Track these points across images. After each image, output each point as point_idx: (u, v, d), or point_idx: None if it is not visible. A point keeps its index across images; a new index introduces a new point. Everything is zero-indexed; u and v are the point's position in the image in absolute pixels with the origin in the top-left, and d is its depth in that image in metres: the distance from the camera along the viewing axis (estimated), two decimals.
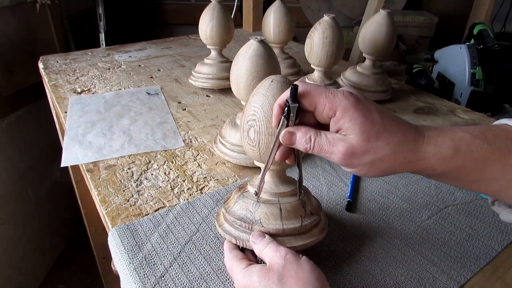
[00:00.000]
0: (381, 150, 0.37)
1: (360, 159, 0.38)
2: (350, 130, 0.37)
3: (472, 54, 1.01)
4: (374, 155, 0.38)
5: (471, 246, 0.53)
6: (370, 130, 0.37)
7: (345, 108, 0.37)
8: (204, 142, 0.76)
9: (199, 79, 0.97)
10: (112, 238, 0.53)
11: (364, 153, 0.37)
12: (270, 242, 0.42)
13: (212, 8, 0.89)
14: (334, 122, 0.38)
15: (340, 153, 0.38)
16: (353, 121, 0.37)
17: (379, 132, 0.37)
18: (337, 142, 0.38)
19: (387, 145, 0.37)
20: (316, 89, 0.38)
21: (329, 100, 0.38)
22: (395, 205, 0.60)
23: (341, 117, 0.37)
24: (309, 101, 0.39)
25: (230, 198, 0.50)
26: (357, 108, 0.37)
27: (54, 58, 1.18)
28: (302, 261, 0.39)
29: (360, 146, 0.37)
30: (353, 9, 1.71)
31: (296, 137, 0.40)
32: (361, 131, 0.37)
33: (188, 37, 1.48)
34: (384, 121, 0.38)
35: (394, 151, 0.38)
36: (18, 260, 1.59)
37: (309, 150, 0.39)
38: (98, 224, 1.24)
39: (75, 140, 0.75)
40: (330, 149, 0.38)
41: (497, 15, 1.67)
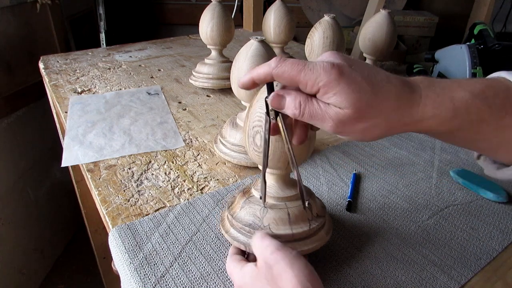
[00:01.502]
0: (374, 118, 0.36)
1: (353, 127, 0.36)
2: (338, 103, 0.35)
3: (473, 54, 1.01)
4: (366, 123, 0.36)
5: (471, 246, 0.53)
6: (359, 101, 0.35)
7: (327, 84, 0.35)
8: (204, 142, 0.76)
9: (200, 79, 0.97)
10: (113, 238, 0.53)
11: (356, 122, 0.36)
12: (261, 235, 0.40)
13: (213, 8, 0.89)
14: (322, 97, 0.36)
15: (331, 122, 0.36)
16: (340, 95, 0.35)
17: (369, 101, 0.35)
18: (329, 110, 0.36)
19: (380, 112, 0.35)
20: (294, 68, 0.35)
21: (309, 78, 0.35)
22: (395, 205, 0.60)
23: (325, 92, 0.35)
24: (290, 82, 0.37)
25: (235, 203, 0.49)
26: (340, 81, 0.34)
27: (54, 58, 1.19)
28: (293, 259, 0.36)
29: (351, 117, 0.35)
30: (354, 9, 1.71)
31: (286, 101, 0.37)
32: (350, 103, 0.35)
33: (188, 37, 1.48)
34: (374, 88, 0.35)
35: (388, 117, 0.36)
36: (18, 259, 1.59)
37: (299, 115, 0.37)
38: (98, 224, 1.24)
39: (76, 140, 0.75)
40: (323, 116, 0.36)
41: (497, 15, 1.67)
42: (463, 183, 0.65)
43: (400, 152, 0.75)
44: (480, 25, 1.09)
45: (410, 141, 0.78)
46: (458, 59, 1.04)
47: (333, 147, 0.75)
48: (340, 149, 0.75)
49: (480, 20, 1.20)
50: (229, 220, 0.48)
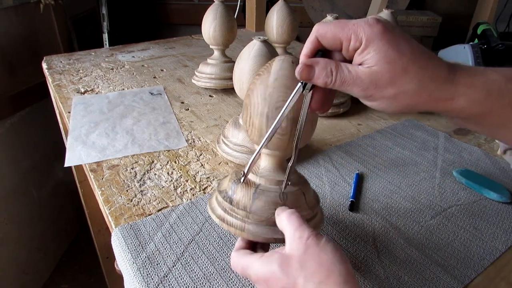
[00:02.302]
0: (406, 84, 0.35)
1: (383, 92, 0.35)
2: (375, 61, 0.34)
3: (476, 54, 1.01)
4: (398, 88, 0.35)
5: (475, 246, 0.53)
6: (396, 62, 0.34)
7: (370, 38, 0.34)
8: (207, 142, 0.76)
9: (202, 79, 0.97)
10: (116, 238, 0.53)
11: (388, 85, 0.35)
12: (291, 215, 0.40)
13: (215, 8, 0.90)
14: (359, 54, 0.35)
15: (362, 84, 0.35)
16: (378, 51, 0.34)
17: (406, 65, 0.34)
18: (361, 73, 0.35)
19: (414, 79, 0.35)
20: (337, 25, 0.36)
21: (353, 31, 0.35)
22: (398, 205, 0.60)
23: (366, 47, 0.35)
24: (333, 41, 0.36)
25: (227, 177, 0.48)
26: (383, 37, 0.34)
27: (57, 58, 1.19)
28: (324, 243, 0.36)
29: (384, 78, 0.35)
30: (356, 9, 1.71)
31: (315, 71, 0.37)
32: (387, 62, 0.34)
33: (191, 37, 1.48)
34: (414, 54, 0.35)
35: (421, 87, 0.35)
36: (21, 259, 1.59)
37: (330, 84, 0.37)
38: (101, 224, 1.24)
39: (79, 140, 0.75)
40: (354, 81, 0.35)
41: (501, 15, 1.67)
42: (466, 183, 0.65)
43: (403, 152, 0.74)
44: (483, 25, 1.08)
45: (413, 141, 0.78)
46: (462, 59, 1.03)
47: (335, 147, 0.75)
48: (342, 149, 0.75)
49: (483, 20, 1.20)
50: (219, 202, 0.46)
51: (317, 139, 0.78)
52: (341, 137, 0.79)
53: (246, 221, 0.43)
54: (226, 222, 0.44)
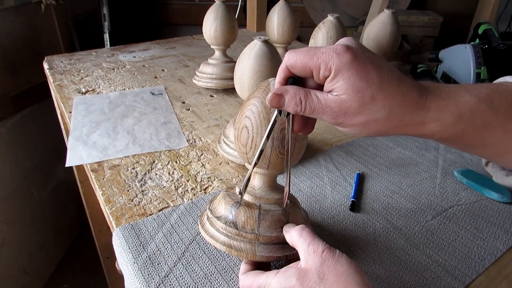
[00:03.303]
0: (375, 112, 0.35)
1: (353, 120, 0.36)
2: (343, 90, 0.35)
3: (477, 54, 1.01)
4: (367, 116, 0.35)
5: (476, 246, 0.53)
6: (365, 91, 0.34)
7: (338, 68, 0.34)
8: (208, 142, 0.76)
9: (203, 79, 0.97)
10: (117, 237, 0.53)
11: (357, 113, 0.35)
12: (303, 231, 0.40)
13: (216, 8, 0.90)
14: (328, 83, 0.36)
15: (332, 113, 0.36)
16: (347, 81, 0.34)
17: (374, 93, 0.34)
18: (330, 101, 0.36)
19: (383, 107, 0.35)
20: (307, 54, 0.36)
21: (322, 60, 0.35)
22: (399, 205, 0.60)
23: (335, 76, 0.35)
24: (303, 70, 0.37)
25: (216, 198, 0.48)
26: (351, 67, 0.34)
27: (58, 58, 1.19)
28: (338, 256, 0.37)
29: (353, 106, 0.35)
30: (357, 9, 1.71)
31: (285, 100, 0.37)
32: (355, 91, 0.34)
33: (192, 37, 1.48)
34: (382, 81, 0.35)
35: (390, 114, 0.35)
36: (22, 259, 1.60)
37: (300, 111, 0.37)
38: (102, 223, 1.24)
39: (80, 140, 0.75)
40: (323, 109, 0.36)
41: (502, 15, 1.66)
42: (467, 183, 0.65)
43: (404, 152, 0.74)
44: (484, 25, 1.08)
45: (414, 141, 0.78)
46: (463, 59, 1.03)
47: (336, 147, 0.75)
48: (343, 149, 0.75)
49: (484, 20, 1.20)
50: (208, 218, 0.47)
51: (318, 139, 0.78)
52: (342, 137, 0.79)
53: (255, 243, 0.44)
54: (234, 248, 0.43)
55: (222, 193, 0.48)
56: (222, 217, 0.45)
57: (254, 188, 0.46)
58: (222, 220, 0.45)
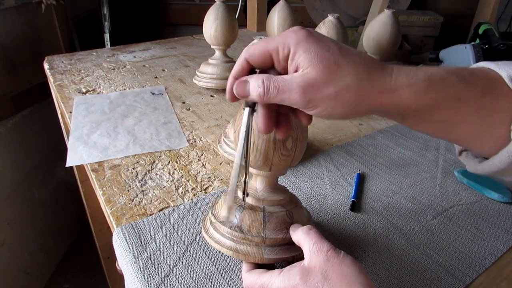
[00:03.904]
0: (343, 78, 0.34)
1: (322, 92, 0.34)
2: (306, 62, 0.34)
3: (477, 54, 1.01)
4: (336, 84, 0.34)
5: (476, 246, 0.53)
6: (328, 58, 0.34)
7: (297, 42, 0.34)
8: (208, 142, 0.76)
9: (203, 79, 0.97)
10: (117, 237, 0.53)
11: (326, 83, 0.34)
12: (309, 230, 0.41)
13: (216, 8, 0.90)
14: (290, 61, 0.35)
15: (299, 88, 0.34)
16: (308, 52, 0.34)
17: (338, 61, 0.34)
18: (295, 78, 0.34)
19: (350, 73, 0.34)
20: (263, 42, 0.36)
21: (279, 42, 0.35)
22: (399, 205, 0.60)
23: (295, 51, 0.34)
24: (263, 56, 0.36)
25: (218, 202, 0.48)
26: (309, 40, 0.34)
27: (59, 58, 1.19)
28: (343, 256, 0.37)
29: (320, 77, 0.33)
30: (358, 9, 1.71)
31: (249, 85, 0.36)
32: (318, 60, 0.33)
33: (192, 37, 1.48)
34: (342, 51, 0.34)
35: (359, 79, 0.34)
36: (23, 259, 1.60)
37: (265, 95, 0.35)
38: (103, 223, 1.24)
39: (80, 140, 0.75)
40: (289, 87, 0.34)
41: (502, 15, 1.66)
42: (467, 183, 0.65)
43: (404, 152, 0.74)
44: (484, 25, 1.08)
45: (415, 141, 0.78)
46: (463, 59, 1.03)
47: (337, 147, 0.75)
48: (344, 149, 0.75)
49: (485, 20, 1.20)
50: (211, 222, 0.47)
51: (318, 139, 0.78)
52: (342, 137, 0.79)
53: (262, 246, 0.44)
54: (241, 252, 0.43)
55: (224, 196, 0.48)
56: (225, 222, 0.45)
57: (257, 191, 0.46)
58: (227, 224, 0.45)
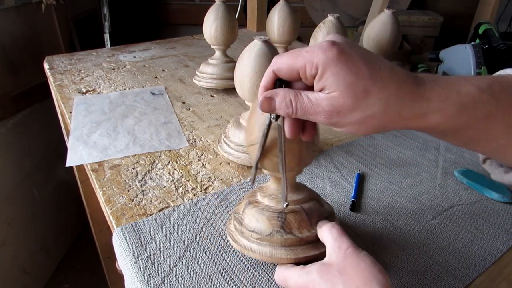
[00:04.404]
0: (371, 106, 0.33)
1: (348, 118, 0.34)
2: (333, 87, 0.33)
3: (477, 54, 1.01)
4: (363, 112, 0.33)
5: (476, 246, 0.53)
6: (356, 85, 0.32)
7: (325, 64, 0.33)
8: (208, 142, 0.76)
9: (203, 79, 0.97)
10: (117, 237, 0.53)
11: (352, 110, 0.33)
12: (332, 228, 0.41)
13: (216, 8, 0.90)
14: (317, 82, 0.34)
15: (325, 112, 0.34)
16: (335, 76, 0.33)
17: (367, 86, 0.32)
18: (321, 101, 0.34)
19: (378, 101, 0.33)
20: (291, 56, 0.35)
21: (307, 59, 0.34)
22: (399, 205, 0.60)
23: (323, 73, 0.33)
24: (290, 72, 0.35)
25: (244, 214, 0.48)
26: (338, 62, 0.33)
27: (59, 58, 1.19)
28: (363, 255, 0.38)
29: (346, 103, 0.33)
30: (358, 9, 1.71)
31: (276, 102, 0.36)
32: (346, 86, 0.33)
33: (192, 37, 1.48)
34: (373, 74, 0.33)
35: (387, 107, 0.33)
36: (23, 259, 1.60)
37: (292, 114, 0.36)
38: (102, 223, 1.24)
39: (80, 140, 0.75)
40: (315, 110, 0.34)
41: (502, 15, 1.66)
42: (467, 183, 0.65)
43: (404, 152, 0.74)
44: (484, 25, 1.08)
45: (415, 141, 0.78)
46: (463, 59, 1.03)
47: (337, 147, 0.75)
48: (344, 149, 0.75)
49: (484, 20, 1.20)
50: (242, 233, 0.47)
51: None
52: (342, 137, 0.79)
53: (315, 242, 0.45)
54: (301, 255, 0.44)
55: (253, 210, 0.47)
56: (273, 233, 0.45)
57: (271, 191, 0.47)
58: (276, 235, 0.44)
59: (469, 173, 0.66)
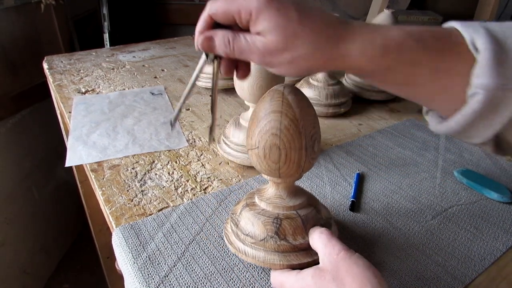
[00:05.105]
0: (299, 48, 0.35)
1: (279, 58, 0.36)
2: (266, 30, 0.35)
3: None
4: (293, 53, 0.36)
5: (475, 246, 0.53)
6: (286, 28, 0.35)
7: (258, 9, 0.35)
8: (207, 142, 0.76)
9: (203, 79, 0.97)
10: (116, 237, 0.53)
11: (283, 51, 0.36)
12: (321, 233, 0.42)
13: None
14: (252, 26, 0.36)
15: (259, 52, 0.37)
16: (268, 20, 0.35)
17: (296, 30, 0.35)
18: (256, 42, 0.36)
19: (305, 43, 0.35)
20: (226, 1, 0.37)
21: (242, 6, 0.36)
22: (399, 205, 0.60)
23: (256, 18, 0.35)
24: (226, 16, 0.37)
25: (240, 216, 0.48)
26: (271, 7, 0.35)
27: (58, 58, 1.19)
28: (356, 258, 0.38)
29: (278, 44, 0.35)
30: (357, 9, 1.71)
31: (215, 42, 0.38)
32: (277, 29, 0.35)
33: (192, 37, 1.48)
34: (302, 18, 0.35)
35: (315, 50, 0.35)
36: (23, 259, 1.60)
37: (230, 53, 0.38)
38: (102, 223, 1.24)
39: (80, 140, 0.75)
40: (250, 50, 0.37)
41: (502, 15, 1.66)
42: (467, 183, 0.65)
43: (403, 152, 0.74)
44: None
45: (414, 141, 0.78)
46: None
47: (336, 147, 0.75)
48: (343, 149, 0.75)
49: (484, 20, 1.20)
50: (237, 235, 0.47)
51: None
52: (342, 137, 0.79)
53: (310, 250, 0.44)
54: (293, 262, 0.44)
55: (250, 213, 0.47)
56: (267, 238, 0.45)
57: (283, 198, 0.46)
58: (270, 240, 0.45)
59: (469, 173, 0.66)
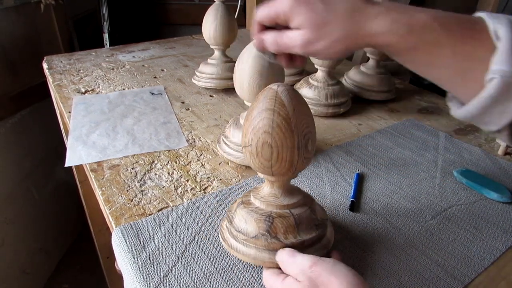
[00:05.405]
0: (331, 34, 0.41)
1: (317, 45, 0.42)
2: (300, 24, 0.42)
3: None
4: (327, 39, 0.41)
5: (475, 246, 0.53)
6: (316, 19, 0.41)
7: (290, 9, 0.42)
8: (207, 142, 0.76)
9: (203, 79, 0.97)
10: (116, 237, 0.53)
11: (318, 39, 0.42)
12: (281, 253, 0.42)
13: (216, 8, 0.90)
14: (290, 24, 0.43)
15: (300, 45, 0.43)
16: (299, 17, 0.41)
17: (324, 19, 0.41)
18: (296, 36, 0.43)
19: (335, 29, 0.41)
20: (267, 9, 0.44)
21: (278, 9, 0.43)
22: (398, 205, 0.60)
23: (291, 16, 0.42)
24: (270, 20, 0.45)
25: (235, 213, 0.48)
26: (299, 4, 0.41)
27: (58, 58, 1.19)
28: (333, 267, 0.37)
29: (312, 35, 0.41)
30: None
31: (266, 43, 0.46)
32: (308, 22, 0.41)
33: (191, 37, 1.48)
34: (327, 7, 0.41)
35: (344, 32, 0.41)
36: (23, 259, 1.60)
37: (278, 49, 0.46)
38: (102, 223, 1.24)
39: (79, 140, 0.75)
40: (292, 43, 0.43)
41: None
42: (466, 183, 0.65)
43: (403, 152, 0.74)
44: None
45: (414, 141, 0.78)
46: None
47: (336, 147, 0.75)
48: (343, 149, 0.75)
49: None
50: (230, 231, 0.48)
51: (317, 139, 0.78)
52: (342, 137, 0.79)
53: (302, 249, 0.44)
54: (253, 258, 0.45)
55: (243, 211, 0.47)
56: (258, 235, 0.45)
57: (277, 196, 0.46)
58: (261, 238, 0.45)
59: (468, 173, 0.66)
